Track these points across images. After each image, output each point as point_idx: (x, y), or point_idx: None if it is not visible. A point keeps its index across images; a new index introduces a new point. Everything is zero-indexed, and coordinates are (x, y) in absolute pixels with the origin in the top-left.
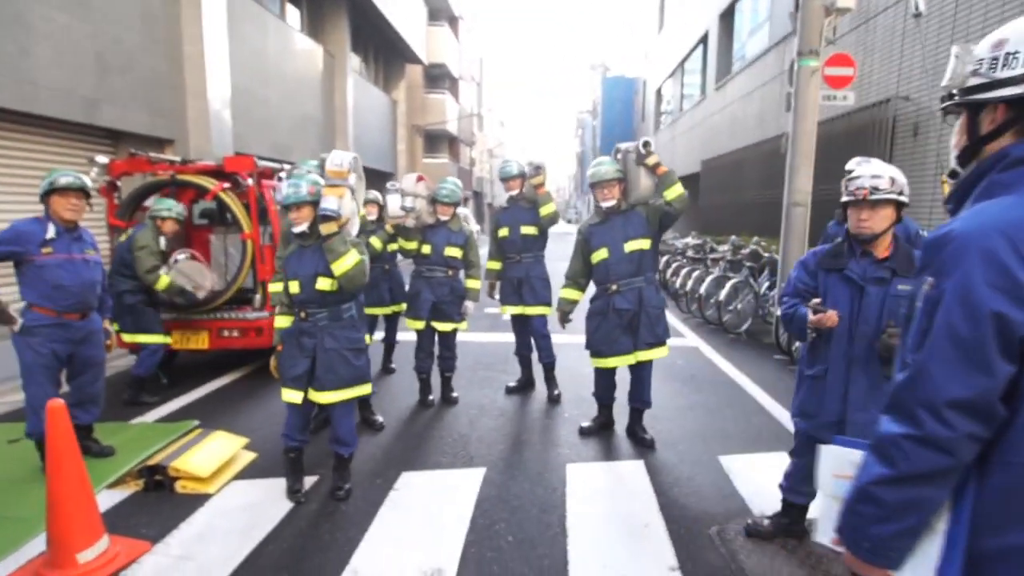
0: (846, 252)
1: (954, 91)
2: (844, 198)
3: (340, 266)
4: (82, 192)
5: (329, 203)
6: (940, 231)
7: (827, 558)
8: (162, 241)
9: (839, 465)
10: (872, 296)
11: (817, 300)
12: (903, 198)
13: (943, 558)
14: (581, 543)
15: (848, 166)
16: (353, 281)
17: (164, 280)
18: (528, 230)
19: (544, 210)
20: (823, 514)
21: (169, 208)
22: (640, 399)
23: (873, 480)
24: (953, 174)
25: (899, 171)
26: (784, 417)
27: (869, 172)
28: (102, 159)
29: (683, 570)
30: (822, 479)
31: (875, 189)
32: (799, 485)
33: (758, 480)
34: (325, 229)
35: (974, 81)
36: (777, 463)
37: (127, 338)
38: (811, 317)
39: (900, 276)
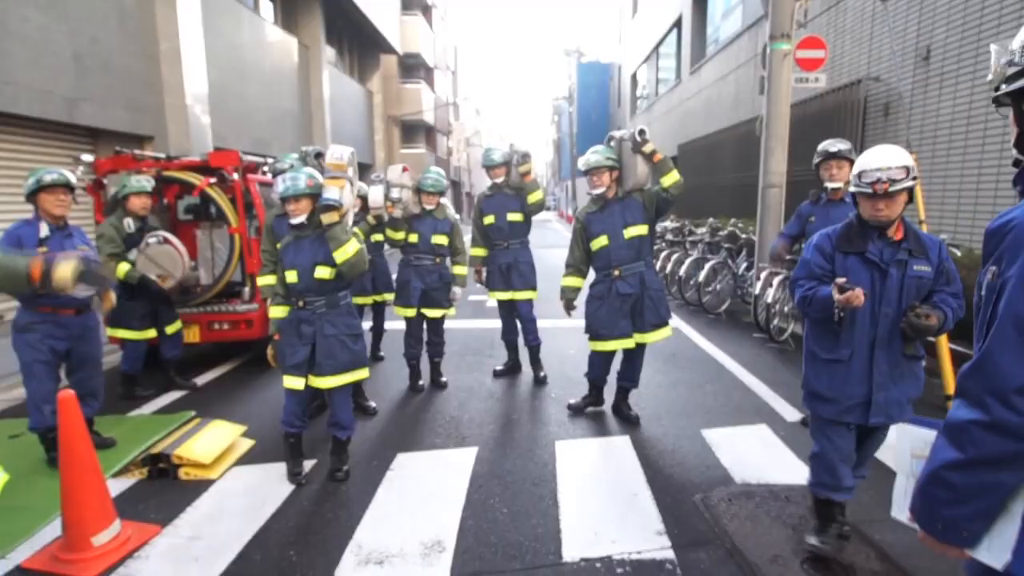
0: (861, 235)
1: (1000, 85)
2: (856, 189)
3: (343, 253)
4: (67, 187)
5: (332, 193)
6: (1000, 219)
7: (806, 518)
8: (129, 223)
9: (919, 445)
10: (893, 278)
11: (843, 279)
12: (915, 182)
13: (1021, 539)
14: (572, 513)
15: (821, 147)
16: (355, 268)
17: (121, 269)
18: (514, 217)
19: (532, 197)
20: (898, 491)
21: (125, 185)
22: (630, 378)
23: (944, 464)
24: (1017, 163)
25: (906, 153)
26: (762, 391)
27: (880, 164)
28: (87, 157)
29: (670, 535)
30: (901, 459)
31: (893, 181)
32: (837, 479)
33: (739, 451)
34: (327, 218)
35: (1011, 71)
36: (756, 435)
37: (108, 332)
38: (838, 296)
39: (915, 257)
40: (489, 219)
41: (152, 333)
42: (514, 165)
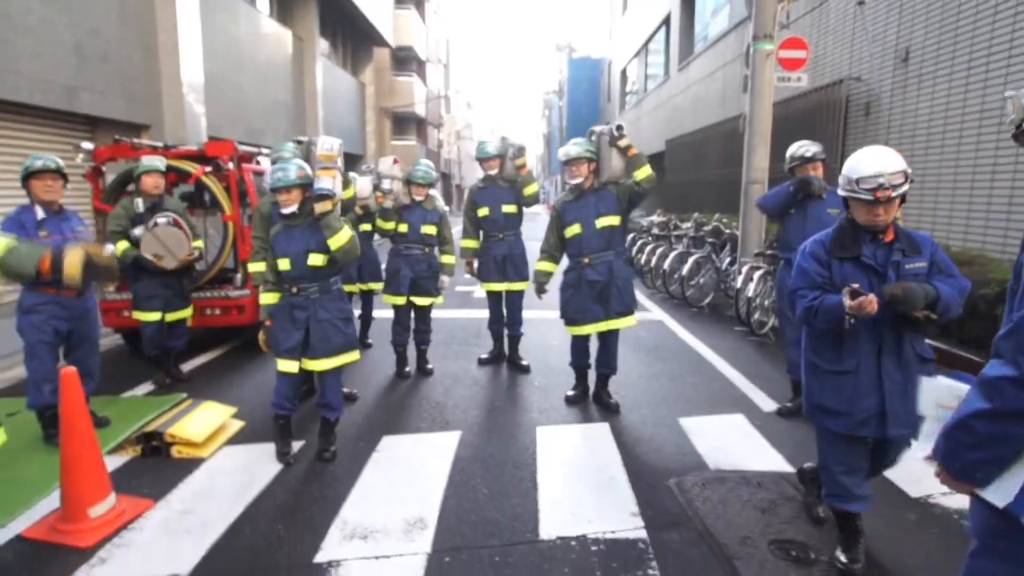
0: (854, 239)
1: (1019, 121)
2: (850, 194)
3: (337, 241)
4: (57, 174)
5: (325, 183)
6: None
7: (775, 503)
8: (139, 203)
9: (945, 396)
10: (891, 280)
11: (856, 285)
12: (910, 185)
13: None
14: (551, 494)
15: (796, 153)
16: (348, 254)
17: (120, 246)
18: (509, 208)
19: (528, 190)
20: (925, 432)
21: (137, 166)
22: (607, 365)
23: (972, 413)
24: None
25: (901, 157)
26: (741, 382)
27: (880, 169)
28: (87, 145)
29: (644, 516)
30: (926, 406)
31: (894, 187)
32: (847, 489)
33: (714, 439)
34: (321, 208)
35: None
36: (732, 424)
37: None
38: (850, 302)
39: (908, 256)
40: (483, 211)
41: (155, 316)
42: (510, 158)
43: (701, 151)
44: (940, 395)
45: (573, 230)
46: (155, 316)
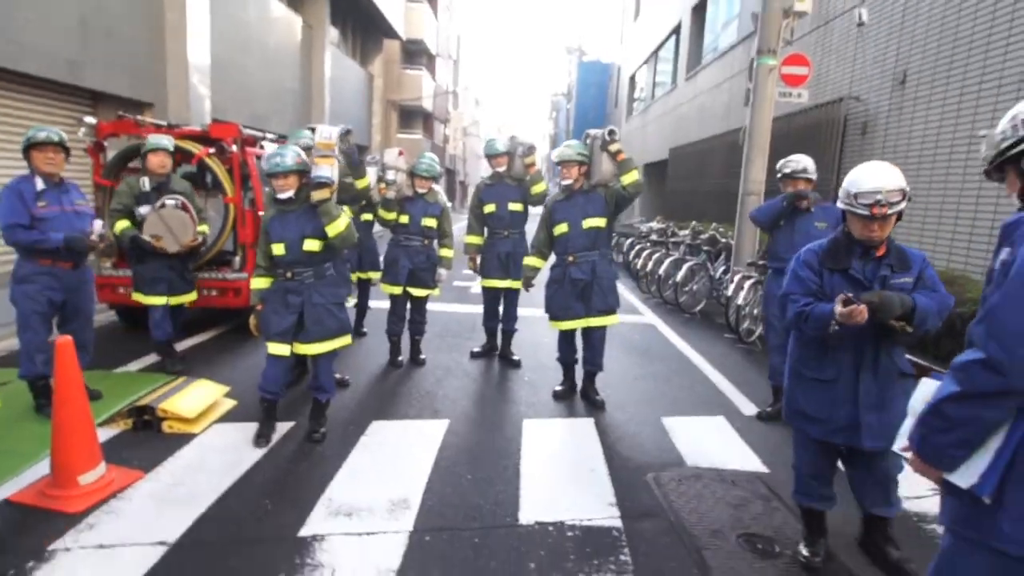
0: (847, 251)
1: (992, 157)
2: (847, 207)
3: (335, 228)
4: (59, 146)
5: (323, 171)
6: (1015, 216)
7: (748, 500)
8: (144, 182)
9: (932, 392)
10: None
11: (851, 294)
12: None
13: (988, 468)
14: (533, 482)
15: (780, 166)
16: (346, 241)
17: (118, 226)
18: (515, 206)
19: (536, 188)
20: (903, 429)
21: (144, 144)
22: (593, 362)
23: (943, 397)
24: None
25: (900, 173)
26: (726, 387)
27: (878, 185)
28: (90, 120)
29: (621, 507)
30: (915, 404)
31: (891, 204)
32: (814, 489)
33: (694, 438)
34: (319, 195)
35: (1005, 144)
36: (713, 425)
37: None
38: (841, 309)
39: (896, 272)
40: (489, 208)
41: (159, 301)
42: (519, 156)
43: (704, 161)
44: (927, 392)
45: (561, 229)
46: (160, 300)
